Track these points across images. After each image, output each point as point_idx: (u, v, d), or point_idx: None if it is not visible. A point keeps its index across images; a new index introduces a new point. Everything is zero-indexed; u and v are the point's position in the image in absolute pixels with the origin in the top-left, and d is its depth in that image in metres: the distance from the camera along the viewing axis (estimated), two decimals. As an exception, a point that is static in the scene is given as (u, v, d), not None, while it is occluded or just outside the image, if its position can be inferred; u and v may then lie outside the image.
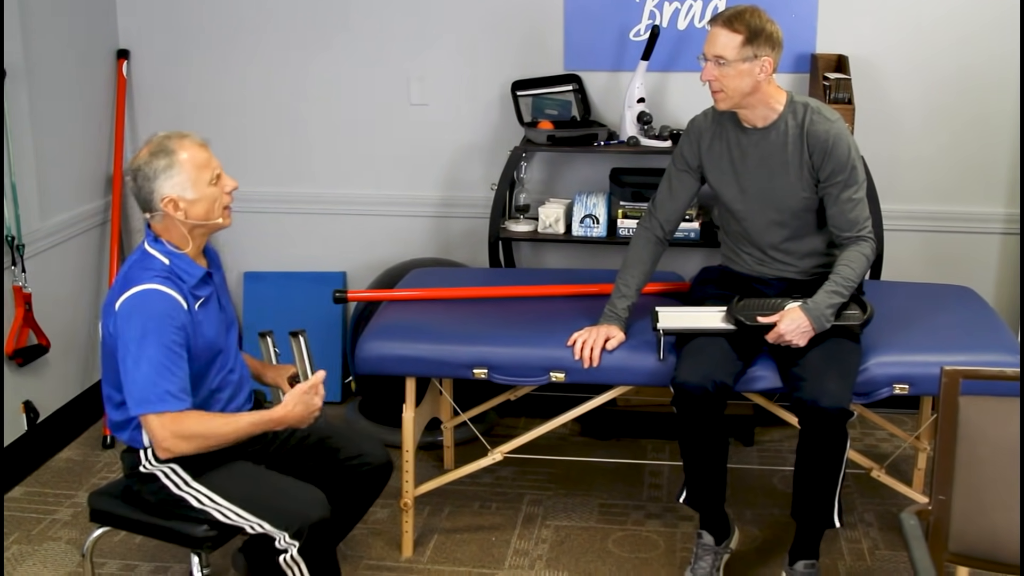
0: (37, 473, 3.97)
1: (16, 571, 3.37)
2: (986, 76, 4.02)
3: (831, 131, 3.07)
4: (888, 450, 4.02)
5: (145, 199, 2.70)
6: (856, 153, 3.11)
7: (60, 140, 4.10)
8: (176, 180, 2.67)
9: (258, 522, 2.67)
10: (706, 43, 3.07)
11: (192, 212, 2.71)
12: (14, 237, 3.78)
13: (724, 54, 3.02)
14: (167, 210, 2.69)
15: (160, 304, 2.64)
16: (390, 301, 3.58)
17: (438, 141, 4.36)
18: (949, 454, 2.52)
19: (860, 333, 3.10)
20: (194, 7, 4.36)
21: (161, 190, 2.67)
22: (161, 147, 2.68)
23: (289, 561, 2.66)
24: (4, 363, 3.79)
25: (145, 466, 2.75)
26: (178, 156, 2.67)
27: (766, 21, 3.05)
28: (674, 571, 3.35)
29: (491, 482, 3.88)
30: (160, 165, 2.66)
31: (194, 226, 2.73)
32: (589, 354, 3.15)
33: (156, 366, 2.60)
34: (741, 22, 3.02)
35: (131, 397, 2.64)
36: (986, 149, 4.08)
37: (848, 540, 3.50)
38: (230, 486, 2.72)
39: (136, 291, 2.64)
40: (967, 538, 2.53)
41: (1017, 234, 4.08)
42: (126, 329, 2.62)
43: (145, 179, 2.67)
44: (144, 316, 2.62)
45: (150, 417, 2.62)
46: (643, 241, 3.30)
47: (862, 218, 3.12)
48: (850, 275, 3.07)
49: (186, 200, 2.69)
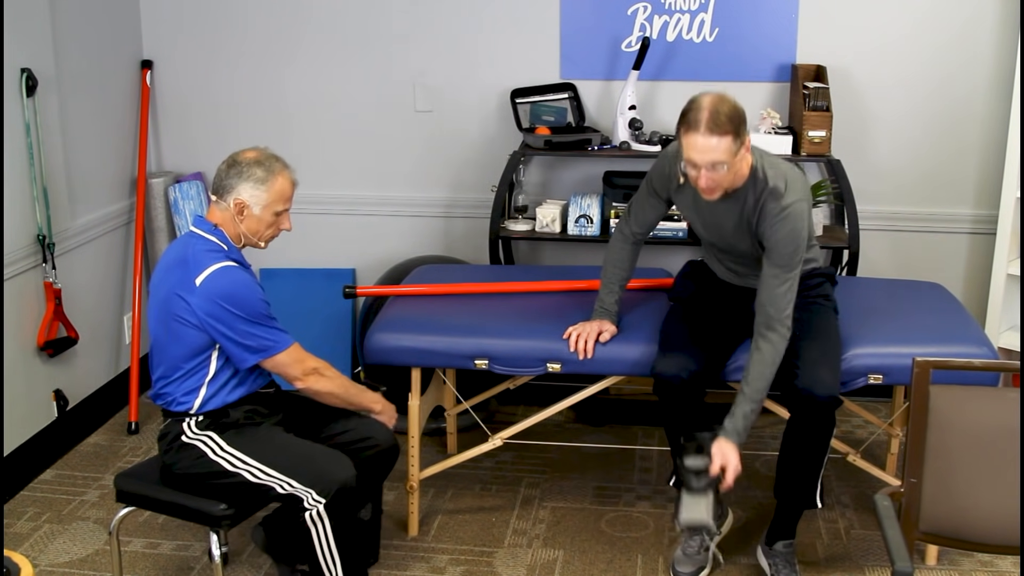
0: (67, 457, 3.97)
1: (48, 548, 3.38)
2: (955, 86, 4.02)
3: (780, 215, 2.87)
4: (863, 436, 4.02)
5: (225, 187, 2.80)
6: (800, 239, 2.89)
7: (88, 145, 4.10)
8: (257, 192, 2.78)
9: (288, 480, 2.70)
10: (693, 151, 2.76)
11: (247, 223, 2.82)
12: (45, 236, 3.78)
13: (722, 159, 2.76)
14: (232, 207, 2.78)
15: (242, 275, 2.76)
16: (397, 296, 3.59)
17: (441, 146, 4.36)
18: (920, 440, 2.53)
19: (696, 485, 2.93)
20: (213, 21, 4.36)
21: (241, 191, 2.78)
22: (266, 161, 2.80)
23: (315, 517, 2.68)
24: (36, 354, 3.80)
25: (188, 435, 2.79)
26: (274, 178, 2.80)
27: (733, 105, 2.78)
28: (663, 549, 3.36)
29: (491, 466, 3.88)
30: (256, 173, 2.78)
31: (239, 233, 2.82)
32: (584, 346, 3.15)
33: (267, 323, 2.77)
34: (723, 123, 2.73)
35: (249, 353, 2.76)
36: (956, 154, 4.09)
37: (825, 520, 3.51)
38: (262, 449, 2.77)
39: (219, 268, 2.73)
40: (936, 518, 2.54)
41: (984, 233, 4.09)
42: (223, 305, 2.70)
43: (237, 174, 2.78)
44: (241, 287, 2.73)
45: (276, 358, 2.80)
46: (620, 243, 3.27)
47: (782, 305, 2.90)
48: (758, 383, 2.90)
49: (251, 211, 2.79)
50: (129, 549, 3.36)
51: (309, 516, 2.69)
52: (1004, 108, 3.96)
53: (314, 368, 2.88)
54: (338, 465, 2.76)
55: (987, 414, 2.50)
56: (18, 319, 3.69)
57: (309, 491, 2.69)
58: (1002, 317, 3.89)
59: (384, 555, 3.32)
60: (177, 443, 2.81)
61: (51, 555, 3.35)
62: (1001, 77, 3.97)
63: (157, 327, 2.81)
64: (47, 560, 3.32)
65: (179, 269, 2.76)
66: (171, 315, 2.75)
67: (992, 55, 3.96)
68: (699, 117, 2.74)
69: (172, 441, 2.82)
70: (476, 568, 3.27)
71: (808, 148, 3.85)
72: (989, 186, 4.06)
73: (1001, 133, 3.96)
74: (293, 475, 2.71)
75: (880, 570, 3.24)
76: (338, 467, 2.75)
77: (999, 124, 3.99)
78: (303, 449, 2.80)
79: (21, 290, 3.70)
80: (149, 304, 2.88)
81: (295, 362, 2.83)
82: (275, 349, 2.79)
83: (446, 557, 3.32)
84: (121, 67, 4.32)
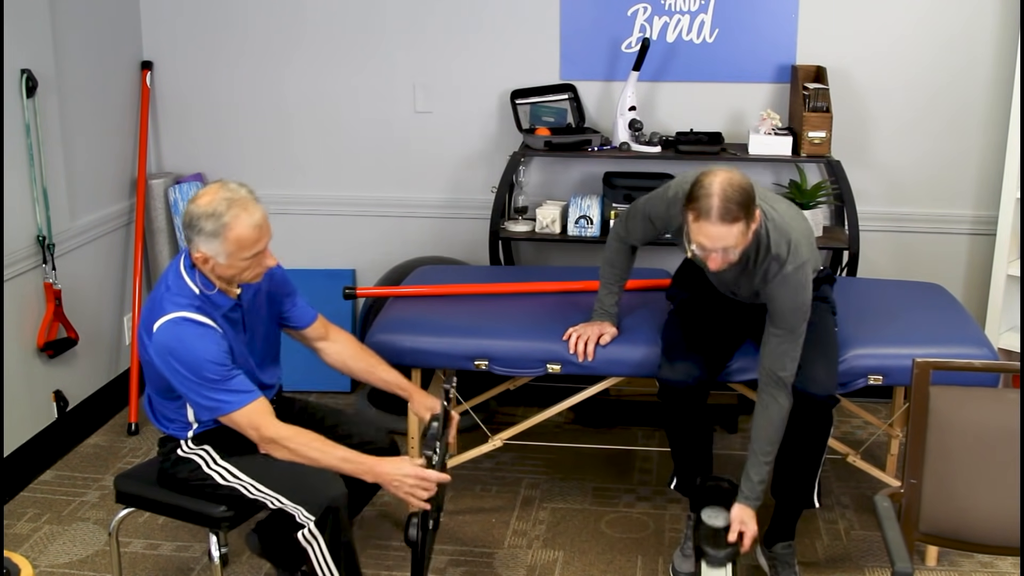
0: (67, 458, 3.97)
1: (48, 549, 3.38)
2: (955, 87, 4.02)
3: (783, 280, 2.82)
4: (863, 437, 4.02)
5: (187, 237, 2.63)
6: (804, 303, 2.84)
7: (88, 146, 4.10)
8: (214, 246, 2.58)
9: (278, 497, 2.68)
10: (703, 239, 2.68)
11: (219, 271, 2.64)
12: (45, 237, 3.78)
13: (733, 244, 2.69)
14: (196, 260, 2.63)
15: (195, 330, 2.59)
16: (397, 297, 3.59)
17: (441, 146, 4.36)
18: (920, 441, 2.53)
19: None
20: (213, 22, 4.36)
21: (198, 244, 2.60)
22: (217, 211, 2.56)
23: (307, 535, 2.66)
24: (36, 355, 3.80)
25: (184, 450, 2.78)
26: (228, 231, 2.56)
27: (739, 185, 2.66)
28: (663, 550, 3.36)
29: (491, 467, 3.88)
30: (208, 227, 2.56)
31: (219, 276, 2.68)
32: (584, 348, 3.15)
33: (212, 385, 2.59)
34: (734, 210, 2.64)
35: (200, 410, 2.66)
36: (956, 154, 4.09)
37: (825, 521, 3.51)
38: (255, 465, 2.73)
39: (171, 318, 2.59)
40: (936, 519, 2.54)
41: (984, 234, 4.09)
42: (169, 359, 2.58)
43: (191, 226, 2.59)
44: (185, 345, 2.58)
45: (231, 417, 2.63)
46: (616, 244, 3.23)
47: (788, 364, 2.85)
48: (767, 444, 2.89)
49: (216, 262, 2.61)
50: (129, 550, 3.36)
51: (302, 535, 2.66)
52: (1004, 109, 3.96)
53: (271, 438, 2.65)
54: (327, 483, 2.69)
55: (987, 415, 2.51)
56: (18, 320, 3.69)
57: (299, 508, 2.65)
58: (1002, 318, 3.89)
59: (383, 556, 3.32)
60: (173, 456, 2.80)
61: (51, 556, 3.34)
62: (1001, 78, 3.97)
63: None
64: (47, 561, 3.32)
65: (147, 305, 2.68)
66: (143, 351, 2.68)
67: (992, 56, 3.96)
68: (710, 205, 2.63)
69: (169, 453, 2.82)
70: (476, 569, 3.27)
71: (808, 149, 3.85)
72: (989, 187, 4.06)
73: (1001, 134, 3.96)
74: (282, 491, 2.67)
75: (880, 571, 3.24)
76: (327, 484, 2.68)
77: (999, 125, 3.99)
78: (294, 466, 2.72)
79: (21, 291, 3.70)
80: None
81: (250, 427, 2.64)
82: (224, 410, 2.62)
83: (446, 558, 3.32)
84: (121, 68, 4.31)
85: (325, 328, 3.04)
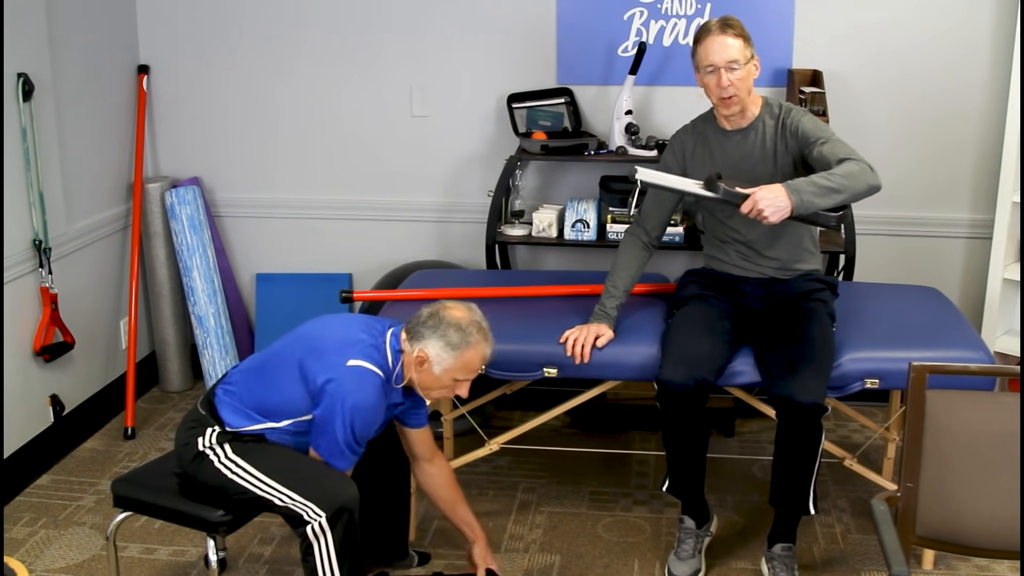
0: (63, 462, 3.97)
1: (44, 553, 3.37)
2: (951, 90, 4.03)
3: (800, 117, 3.11)
4: (860, 441, 4.02)
5: (416, 332, 2.74)
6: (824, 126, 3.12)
7: (84, 150, 4.10)
8: (443, 356, 2.72)
9: (288, 494, 2.68)
10: (711, 54, 3.04)
11: (422, 377, 2.76)
12: (41, 241, 3.78)
13: (736, 57, 3.02)
14: (413, 356, 2.73)
15: (377, 399, 2.71)
16: (394, 301, 3.58)
17: (438, 150, 4.36)
18: (916, 444, 2.53)
19: (837, 229, 3.04)
20: (210, 26, 4.36)
21: (428, 345, 2.72)
22: (468, 329, 2.73)
23: (316, 531, 2.66)
24: (32, 359, 3.80)
25: (202, 445, 2.78)
26: (466, 350, 2.72)
27: (739, 21, 3.11)
28: (660, 554, 3.36)
29: (488, 471, 3.88)
30: (453, 338, 2.72)
31: (412, 377, 2.78)
32: (580, 351, 3.15)
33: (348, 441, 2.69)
34: (736, 27, 3.05)
35: (320, 448, 2.73)
36: (952, 158, 4.09)
37: (822, 525, 3.51)
38: (268, 462, 2.74)
39: (374, 371, 2.70)
40: (933, 523, 2.54)
41: (981, 238, 4.09)
42: (345, 396, 2.66)
43: (433, 327, 2.73)
44: (365, 397, 2.68)
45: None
46: (630, 246, 3.29)
47: (849, 150, 2.97)
48: (839, 171, 2.88)
49: (430, 367, 2.73)
50: (126, 554, 3.35)
51: (311, 529, 2.66)
52: (1000, 112, 3.97)
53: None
54: (342, 483, 2.71)
55: (983, 419, 2.51)
56: (14, 324, 3.68)
57: (309, 505, 2.66)
58: (998, 321, 3.90)
59: (381, 560, 3.32)
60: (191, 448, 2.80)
61: (47, 560, 3.34)
62: (997, 81, 3.98)
63: (277, 356, 2.80)
64: (43, 565, 3.31)
65: (347, 331, 2.76)
66: (298, 363, 2.73)
67: (988, 60, 3.97)
68: (711, 24, 3.05)
69: (187, 442, 2.81)
70: (473, 573, 3.27)
71: (804, 153, 3.86)
72: (985, 190, 4.07)
73: (997, 137, 3.97)
74: (295, 488, 2.68)
75: (877, 575, 3.24)
76: (342, 485, 2.70)
77: (995, 128, 3.99)
78: (307, 465, 2.76)
79: (17, 295, 3.70)
80: (289, 334, 2.85)
81: None
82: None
83: (443, 563, 3.32)
84: (118, 72, 4.31)
85: (432, 450, 3.07)
